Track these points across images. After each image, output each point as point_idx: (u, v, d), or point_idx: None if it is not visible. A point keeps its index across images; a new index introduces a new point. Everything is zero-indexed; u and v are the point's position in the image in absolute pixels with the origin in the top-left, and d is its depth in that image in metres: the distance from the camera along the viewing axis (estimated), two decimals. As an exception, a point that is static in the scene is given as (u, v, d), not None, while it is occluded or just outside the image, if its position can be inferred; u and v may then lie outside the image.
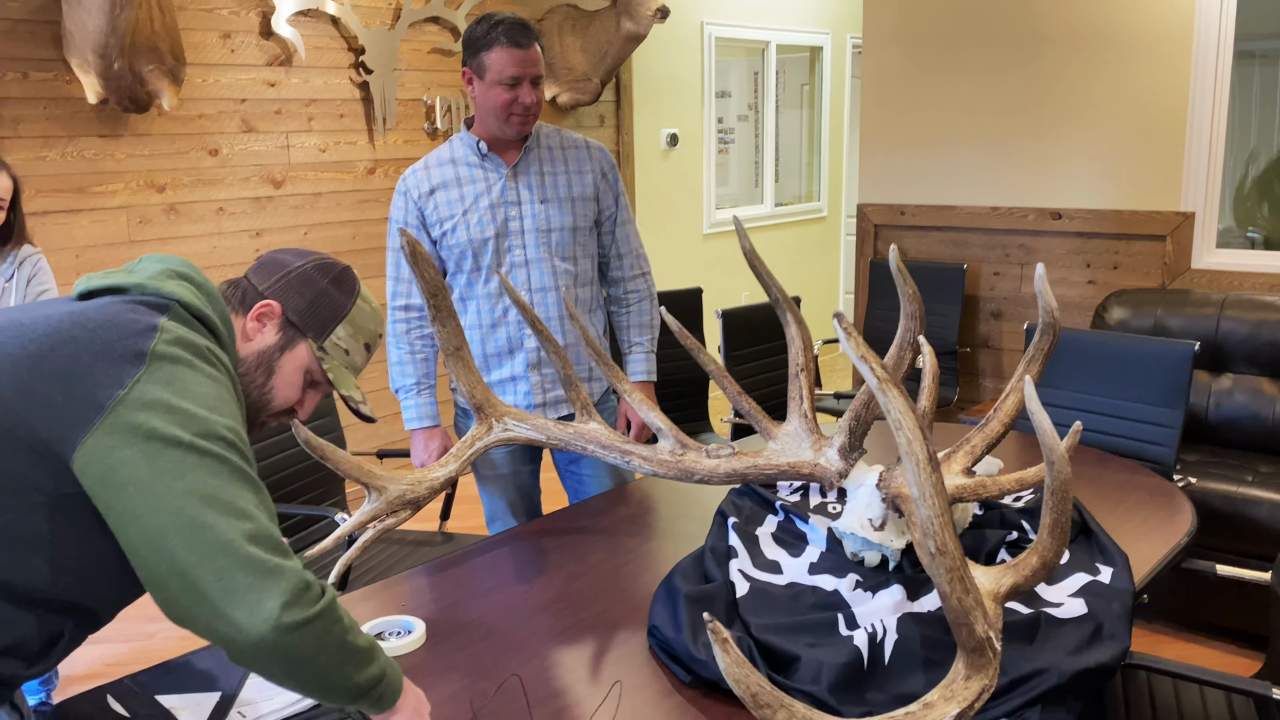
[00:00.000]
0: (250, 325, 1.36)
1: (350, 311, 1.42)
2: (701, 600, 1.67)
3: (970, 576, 1.06)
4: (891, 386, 0.98)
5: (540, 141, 2.40)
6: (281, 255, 1.44)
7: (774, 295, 2.08)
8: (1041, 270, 1.64)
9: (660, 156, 5.65)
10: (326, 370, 1.40)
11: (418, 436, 2.41)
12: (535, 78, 2.29)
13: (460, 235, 2.35)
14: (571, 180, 2.41)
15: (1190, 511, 2.17)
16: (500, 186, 2.36)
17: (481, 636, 1.69)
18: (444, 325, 1.93)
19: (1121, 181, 3.90)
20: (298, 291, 1.39)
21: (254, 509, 1.14)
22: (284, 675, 1.15)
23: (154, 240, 3.62)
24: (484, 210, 2.34)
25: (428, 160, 2.40)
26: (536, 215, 2.36)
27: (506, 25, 2.27)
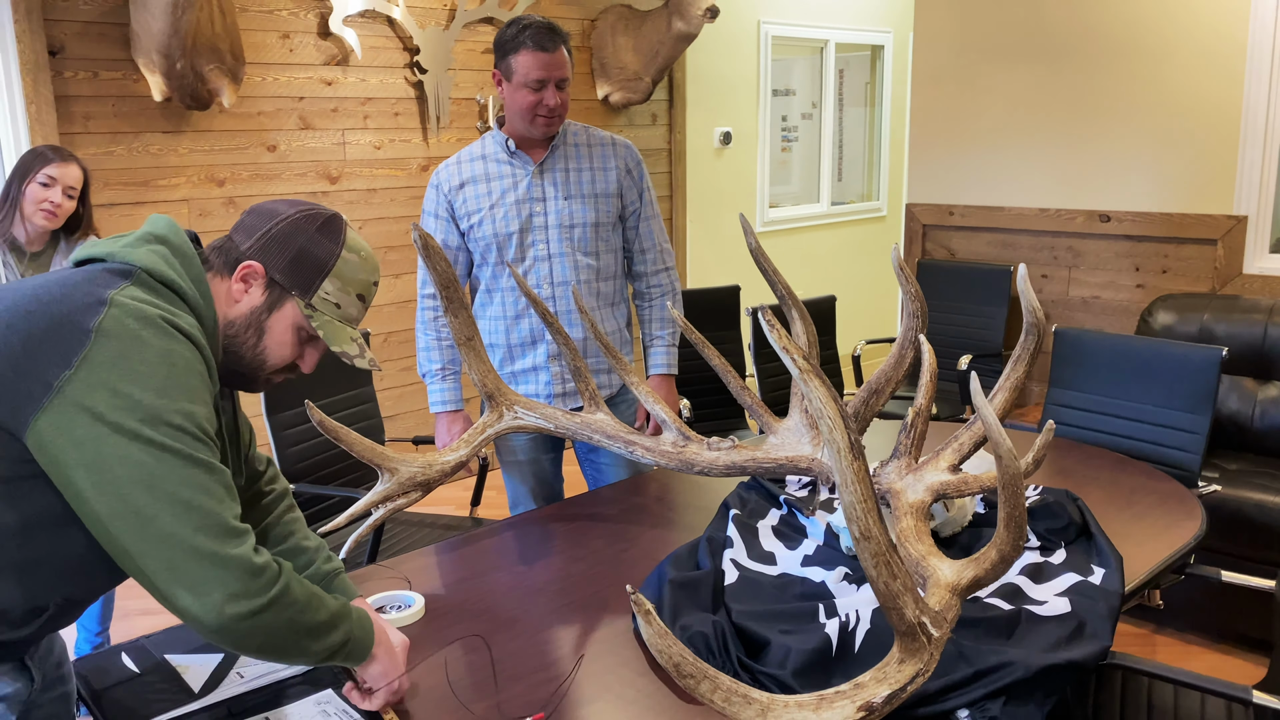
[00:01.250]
0: (235, 287, 1.34)
1: (336, 264, 1.37)
2: (685, 586, 1.72)
3: (898, 561, 1.10)
4: (813, 376, 1.02)
5: (566, 139, 2.47)
6: (266, 208, 1.39)
7: (779, 292, 2.12)
8: (1024, 271, 1.65)
9: (713, 155, 5.69)
10: (316, 327, 1.37)
11: (441, 420, 2.51)
12: (560, 80, 2.36)
13: (486, 229, 2.43)
14: (595, 177, 2.48)
15: (1201, 517, 2.15)
16: (526, 183, 2.44)
17: (477, 613, 1.77)
18: (455, 316, 2.02)
19: (1172, 183, 3.83)
20: (280, 249, 1.35)
21: (201, 495, 1.15)
22: (241, 651, 1.21)
23: (214, 231, 3.79)
24: (510, 205, 2.43)
25: (460, 155, 2.49)
26: (560, 211, 2.44)
27: (534, 29, 2.34)
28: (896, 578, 1.09)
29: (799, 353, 1.02)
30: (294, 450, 2.77)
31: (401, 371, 4.41)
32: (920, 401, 1.89)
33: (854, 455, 1.02)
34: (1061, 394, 2.92)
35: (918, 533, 1.63)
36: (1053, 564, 1.89)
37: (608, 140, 2.53)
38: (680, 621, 1.62)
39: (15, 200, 2.58)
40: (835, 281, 6.58)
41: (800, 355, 1.01)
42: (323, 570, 1.54)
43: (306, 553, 1.55)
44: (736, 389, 2.10)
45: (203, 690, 1.47)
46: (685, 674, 1.01)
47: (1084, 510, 2.08)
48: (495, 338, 2.51)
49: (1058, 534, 2.00)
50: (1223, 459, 3.32)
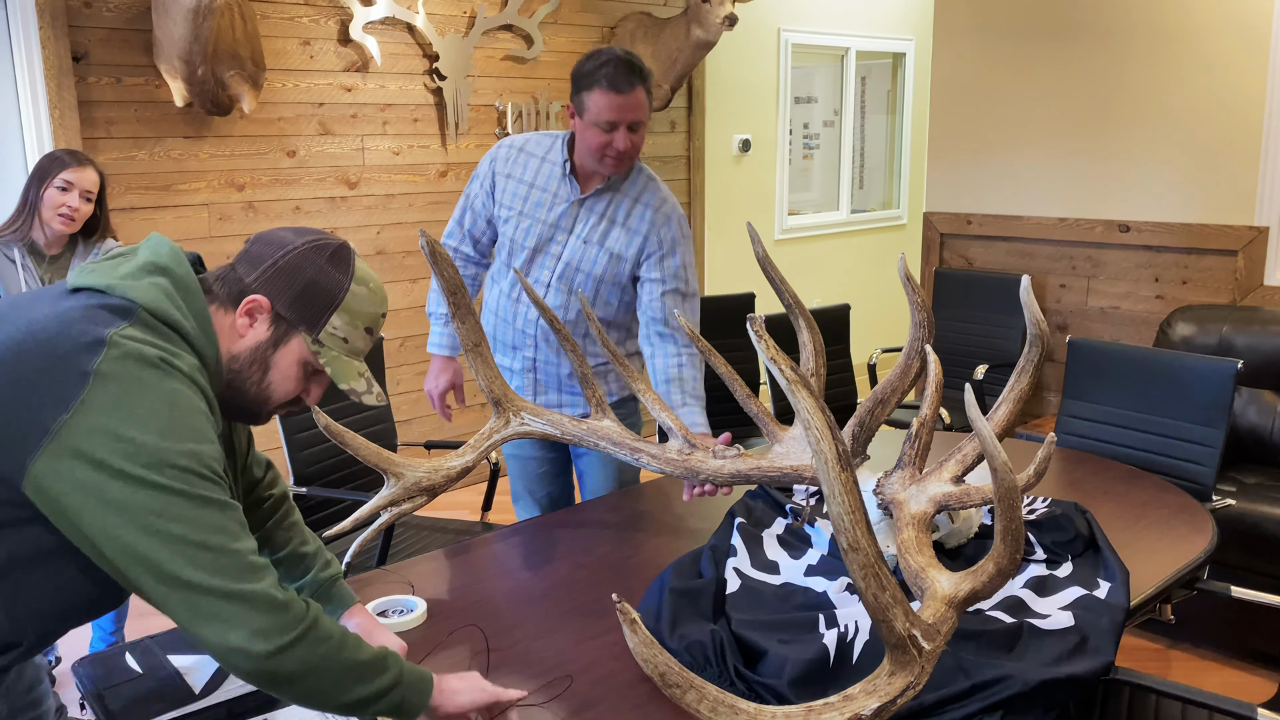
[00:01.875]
0: (240, 322, 1.29)
1: (344, 298, 1.32)
2: (686, 594, 1.73)
3: (887, 573, 1.09)
4: (801, 388, 1.02)
5: (622, 185, 2.37)
6: (273, 237, 1.33)
7: (786, 301, 2.12)
8: (1026, 282, 1.65)
9: (732, 162, 5.69)
10: (324, 363, 1.32)
11: (435, 361, 2.55)
12: (634, 123, 2.24)
13: (508, 228, 2.41)
14: (620, 235, 2.36)
15: (1212, 532, 2.13)
16: (563, 209, 2.36)
17: (478, 618, 1.78)
18: (463, 323, 2.03)
19: (1192, 194, 3.80)
20: (287, 282, 1.29)
21: (216, 535, 1.12)
22: (286, 696, 1.18)
23: (233, 236, 3.83)
24: (536, 221, 2.37)
25: (528, 142, 2.41)
26: (574, 249, 2.36)
27: (611, 66, 2.22)
28: (885, 589, 1.09)
29: (787, 363, 1.01)
30: (306, 454, 2.80)
31: (418, 376, 4.43)
32: (925, 412, 1.89)
33: (841, 466, 1.02)
34: (1075, 405, 2.90)
35: (918, 544, 1.63)
36: (1058, 577, 1.88)
37: (654, 204, 2.37)
38: (679, 630, 1.62)
39: (34, 205, 2.62)
40: (854, 289, 6.56)
41: (788, 366, 1.01)
42: (320, 578, 1.54)
43: (304, 560, 1.55)
44: (743, 397, 2.09)
45: (204, 691, 1.49)
46: (671, 684, 1.01)
47: (1092, 523, 2.06)
48: (483, 322, 2.50)
49: (1064, 547, 1.98)
50: (1241, 473, 3.28)
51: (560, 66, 4.75)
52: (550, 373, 2.45)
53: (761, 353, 1.04)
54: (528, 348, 2.45)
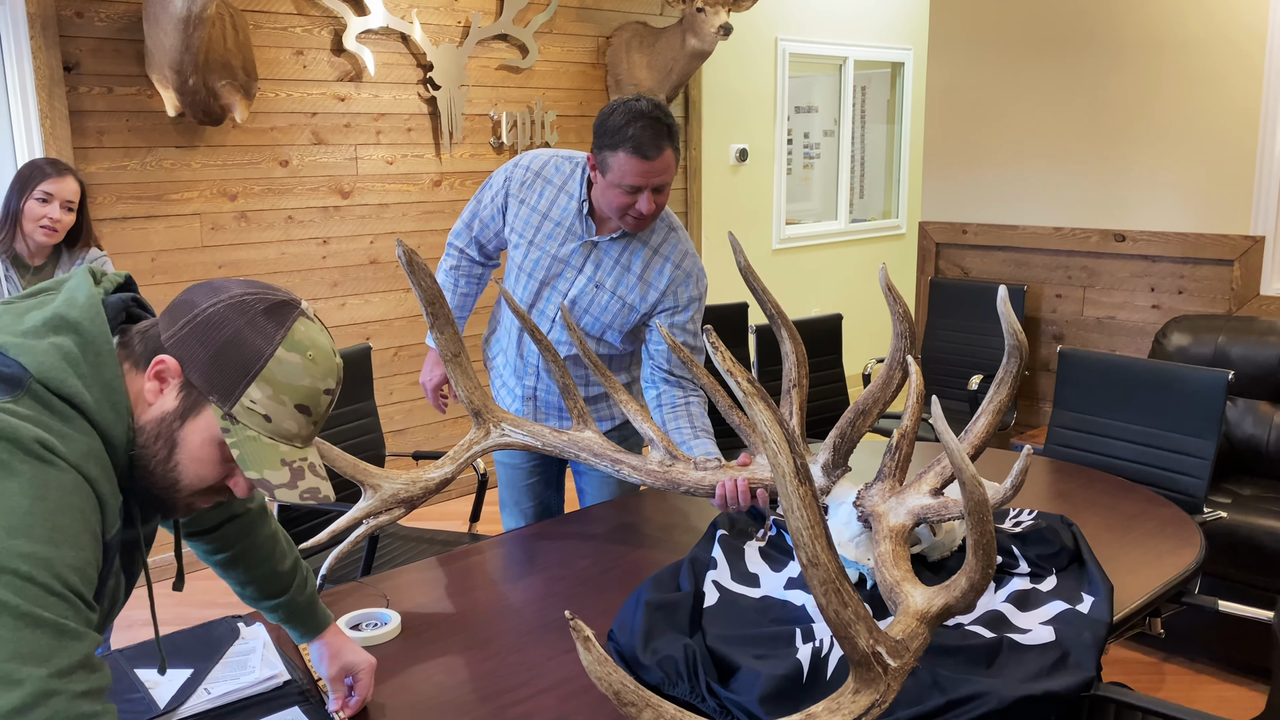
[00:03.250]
0: (149, 387, 1.10)
1: (265, 366, 1.09)
2: (663, 608, 1.71)
3: (848, 588, 1.07)
4: (758, 399, 1.00)
5: (639, 235, 2.27)
6: (208, 285, 1.14)
7: (769, 311, 2.11)
8: (1003, 293, 1.63)
9: (729, 171, 5.68)
10: (232, 444, 1.09)
11: (431, 353, 2.51)
12: (660, 186, 2.13)
13: (517, 254, 2.34)
14: (635, 287, 2.28)
15: (1200, 545, 2.10)
16: (574, 247, 2.28)
17: (453, 631, 1.76)
18: (441, 333, 2.02)
19: (1188, 203, 3.78)
20: (201, 341, 1.09)
21: (33, 666, 0.90)
22: None
23: (225, 245, 3.82)
24: (546, 254, 2.29)
25: (545, 167, 2.30)
26: (584, 291, 2.28)
27: (639, 127, 2.08)
28: (848, 605, 1.07)
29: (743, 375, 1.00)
30: (292, 464, 2.78)
31: (412, 385, 4.42)
32: (906, 423, 1.87)
33: (799, 480, 1.00)
34: (1066, 416, 2.88)
35: (895, 557, 1.61)
36: (1041, 591, 1.86)
37: (674, 259, 2.28)
38: (652, 644, 1.60)
39: (15, 216, 2.61)
40: (852, 299, 6.54)
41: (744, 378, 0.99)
42: (296, 601, 1.49)
43: (279, 579, 1.48)
44: (725, 408, 2.08)
45: (169, 706, 1.47)
46: (626, 702, 0.99)
47: (1078, 536, 2.04)
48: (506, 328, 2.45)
49: (1049, 560, 1.96)
50: (1236, 484, 3.25)
51: (555, 76, 4.75)
52: (551, 403, 2.42)
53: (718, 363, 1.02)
54: (529, 376, 2.42)
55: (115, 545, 1.09)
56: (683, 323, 2.32)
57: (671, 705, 1.03)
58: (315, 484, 1.13)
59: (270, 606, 1.49)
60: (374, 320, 4.29)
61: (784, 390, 2.08)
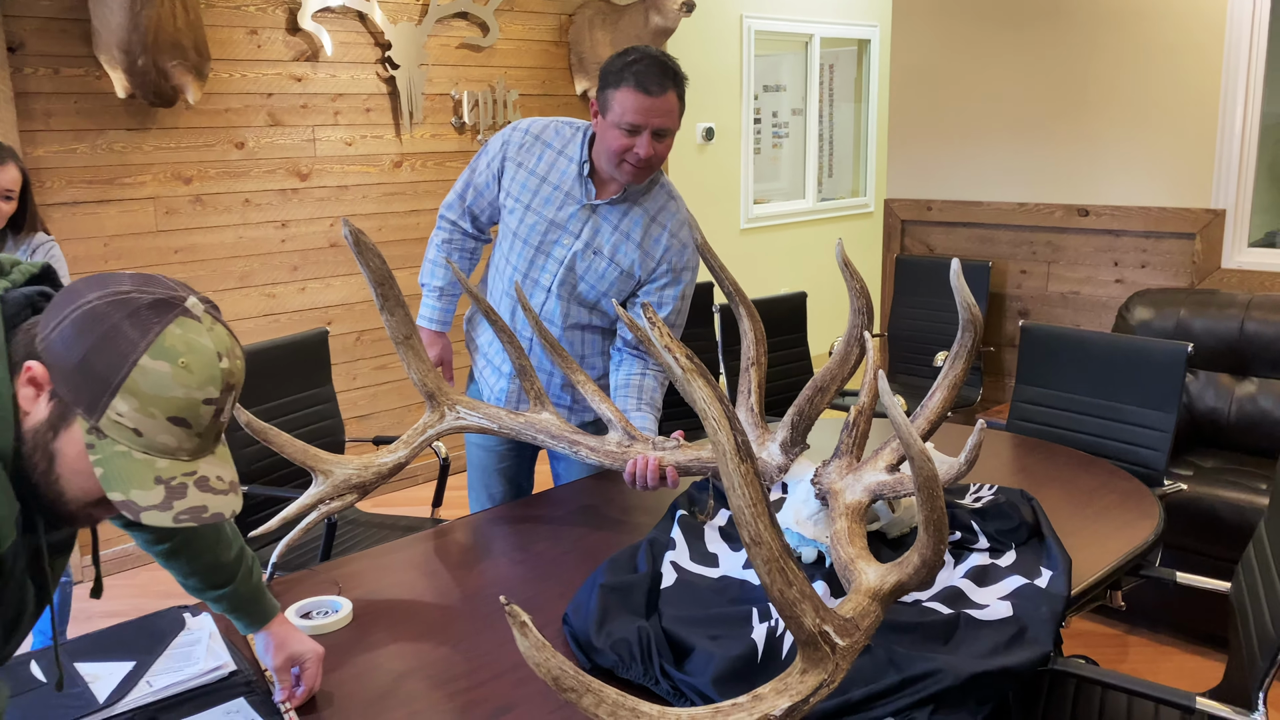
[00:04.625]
0: (24, 393, 1.01)
1: (127, 376, 0.98)
2: (618, 590, 1.68)
3: (791, 567, 1.05)
4: (697, 376, 0.98)
5: (639, 198, 2.22)
6: (92, 280, 1.03)
7: (727, 289, 2.08)
8: (956, 265, 1.61)
9: (695, 150, 5.64)
10: (95, 460, 0.99)
11: (423, 334, 2.44)
12: (660, 129, 2.07)
13: (512, 219, 2.27)
14: (634, 253, 2.23)
15: (1159, 518, 2.11)
16: (572, 211, 2.22)
17: (406, 618, 1.73)
18: (392, 314, 1.98)
19: (1151, 177, 3.78)
20: (70, 344, 0.99)
21: None
22: None
23: (180, 230, 3.75)
24: (543, 219, 2.23)
25: (545, 130, 2.25)
26: (580, 258, 2.23)
27: (643, 65, 2.05)
28: (792, 584, 1.05)
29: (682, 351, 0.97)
30: (249, 450, 2.73)
31: (376, 370, 4.37)
32: (863, 400, 1.85)
33: (741, 457, 0.98)
34: (1028, 391, 2.87)
35: (850, 535, 1.59)
36: (999, 566, 1.85)
37: (674, 228, 2.24)
38: (606, 627, 1.58)
39: None
40: (820, 278, 6.54)
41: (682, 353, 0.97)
42: (240, 592, 1.45)
43: (224, 569, 1.45)
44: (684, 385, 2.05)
45: (109, 700, 1.43)
46: (566, 688, 0.96)
47: (1037, 510, 2.04)
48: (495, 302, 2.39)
49: (1008, 535, 1.95)
50: (1197, 456, 3.27)
51: (517, 54, 4.68)
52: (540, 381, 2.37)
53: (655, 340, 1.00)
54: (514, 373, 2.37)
55: (16, 554, 1.03)
56: (675, 295, 2.28)
57: (614, 690, 1.00)
58: (202, 502, 1.02)
59: (214, 597, 1.45)
60: (335, 304, 4.23)
61: (742, 368, 2.06)
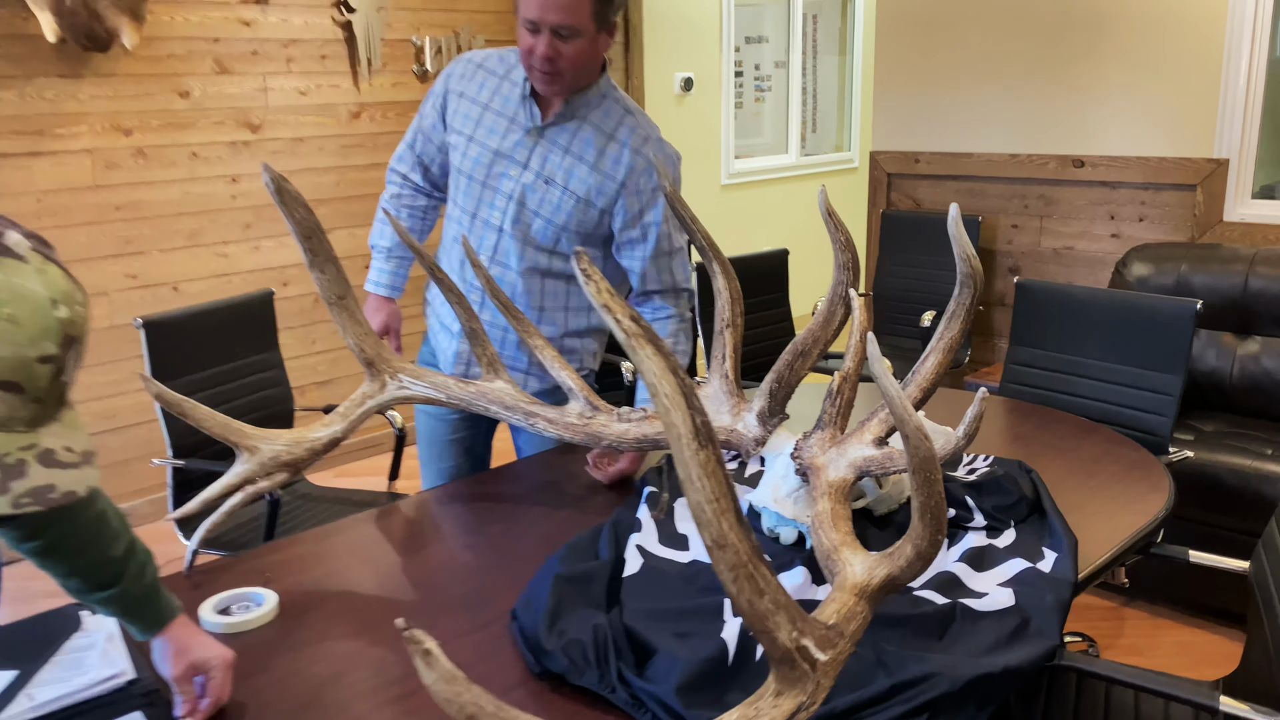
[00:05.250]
0: None
1: None
2: (575, 581, 1.50)
3: (763, 572, 0.87)
4: (645, 342, 0.78)
5: (588, 114, 2.02)
6: None
7: (700, 244, 1.88)
8: (955, 212, 1.41)
9: (674, 102, 5.41)
10: None
11: (370, 300, 2.26)
12: (560, 27, 1.86)
13: (456, 155, 2.09)
14: (589, 178, 2.02)
15: (1169, 490, 1.94)
16: (517, 138, 2.03)
17: (338, 613, 1.54)
18: (323, 272, 1.77)
19: (1150, 126, 3.58)
20: None
21: None
22: None
23: (122, 185, 3.51)
24: (487, 149, 2.04)
25: (488, 59, 2.09)
26: (530, 190, 2.03)
27: None
28: (764, 594, 0.87)
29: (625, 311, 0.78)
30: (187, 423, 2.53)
31: (336, 334, 4.15)
32: (848, 365, 1.66)
33: (699, 443, 0.79)
34: (1023, 352, 2.70)
35: (834, 518, 1.41)
36: (998, 548, 1.68)
37: (635, 144, 2.02)
38: (559, 625, 1.40)
39: None
40: (803, 235, 6.34)
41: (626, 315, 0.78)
42: (129, 592, 1.24)
43: (109, 567, 1.22)
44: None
45: (-16, 715, 1.25)
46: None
47: (1038, 484, 1.86)
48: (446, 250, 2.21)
49: (1007, 512, 1.78)
50: (1198, 419, 3.11)
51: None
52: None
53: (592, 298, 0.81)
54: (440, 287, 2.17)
55: None
56: (656, 220, 2.05)
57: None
58: (47, 480, 0.87)
59: (100, 599, 1.25)
60: (291, 264, 4.00)
61: (716, 331, 1.87)
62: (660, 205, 2.06)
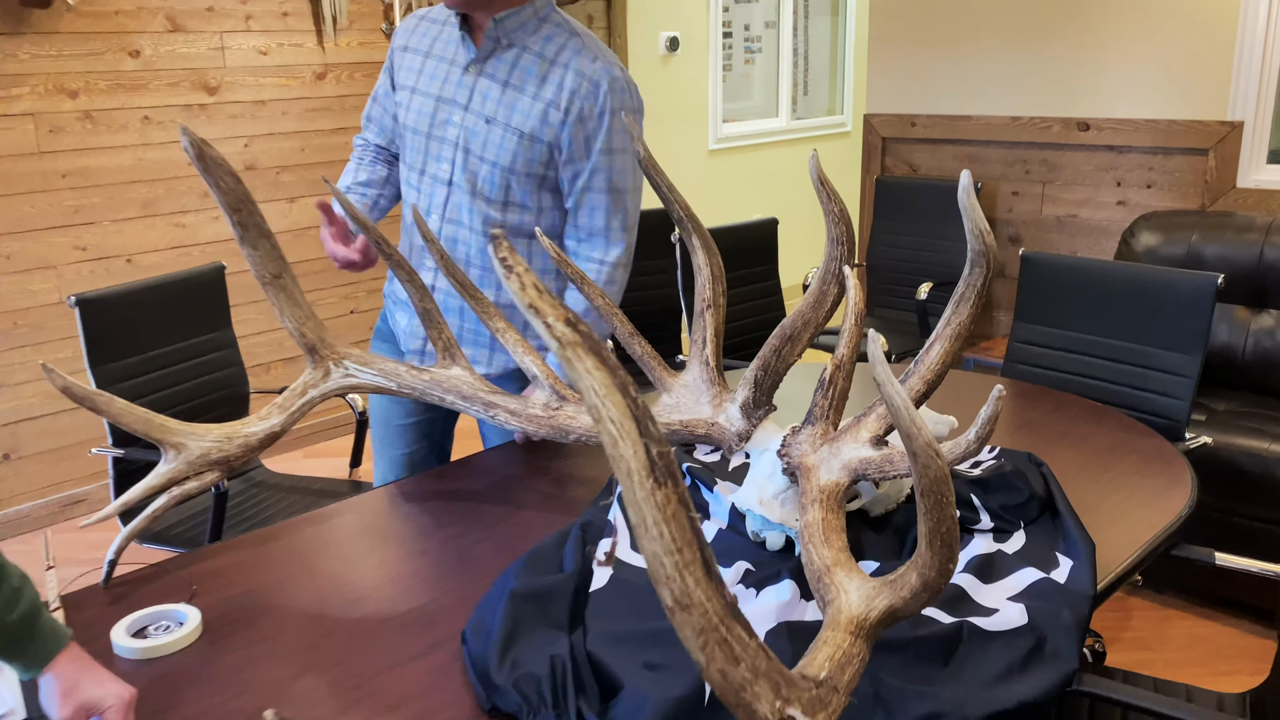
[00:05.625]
0: None
1: None
2: (533, 599, 1.33)
3: (738, 636, 0.70)
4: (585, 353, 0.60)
5: (526, 40, 1.84)
6: None
7: (678, 215, 1.70)
8: (966, 179, 1.23)
9: (659, 63, 5.19)
10: None
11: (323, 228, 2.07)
12: None
13: (402, 113, 1.93)
14: (530, 109, 1.82)
15: (1191, 485, 1.77)
16: (458, 79, 1.87)
17: (269, 632, 1.37)
18: (255, 248, 1.58)
19: (1160, 86, 3.39)
20: None
21: None
22: None
23: (68, 151, 3.30)
24: (430, 97, 1.88)
25: (433, 10, 1.95)
26: (473, 133, 1.85)
27: None
28: (739, 661, 0.69)
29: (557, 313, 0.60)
30: (128, 408, 2.34)
31: (304, 308, 3.95)
32: (841, 352, 1.49)
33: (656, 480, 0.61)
34: (1028, 330, 2.52)
35: (826, 531, 1.24)
36: (1007, 554, 1.51)
37: (579, 66, 1.82)
38: (512, 653, 1.23)
39: None
40: (794, 203, 6.14)
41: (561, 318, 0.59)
42: (4, 626, 1.08)
43: None
44: (625, 335, 1.68)
45: None
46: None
47: (1049, 479, 1.70)
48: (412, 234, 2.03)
49: (1016, 512, 1.61)
50: (1209, 398, 2.95)
51: (456, -47, 4.19)
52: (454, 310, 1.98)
53: (512, 291, 0.62)
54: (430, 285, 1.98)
55: None
56: (606, 149, 1.84)
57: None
58: None
59: None
60: (255, 235, 3.80)
61: (696, 313, 1.69)
62: (610, 132, 1.85)
